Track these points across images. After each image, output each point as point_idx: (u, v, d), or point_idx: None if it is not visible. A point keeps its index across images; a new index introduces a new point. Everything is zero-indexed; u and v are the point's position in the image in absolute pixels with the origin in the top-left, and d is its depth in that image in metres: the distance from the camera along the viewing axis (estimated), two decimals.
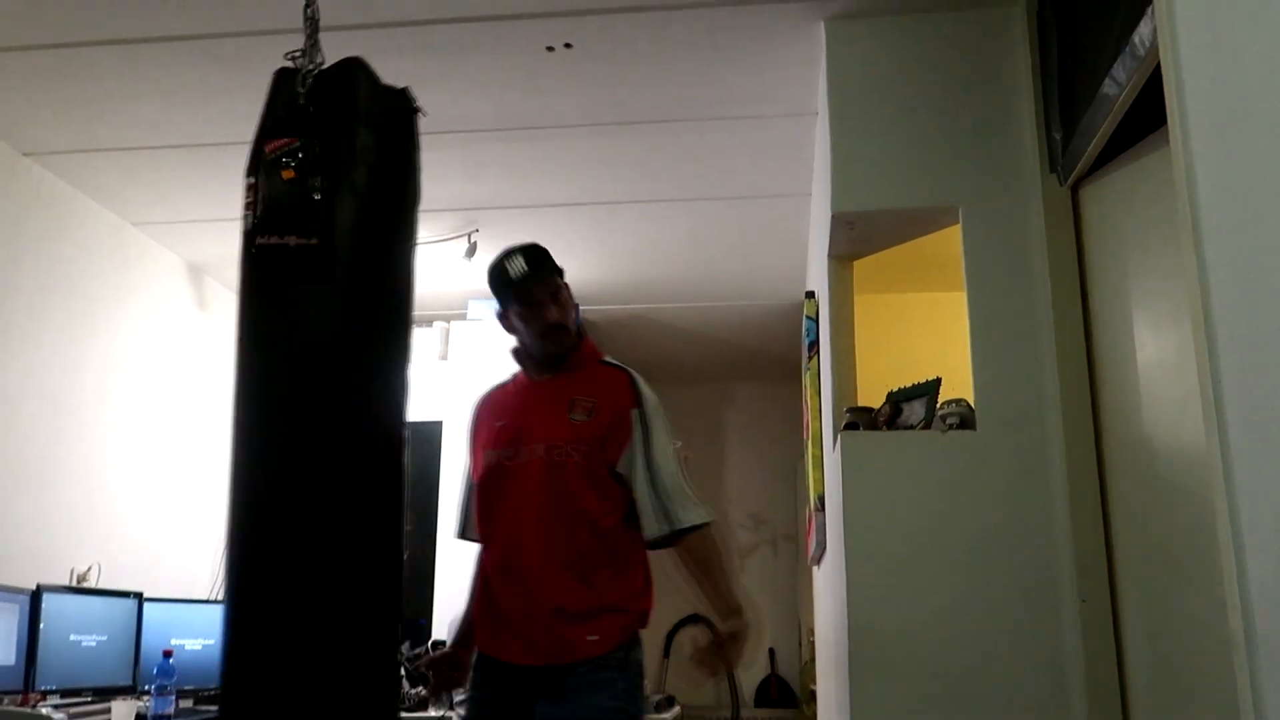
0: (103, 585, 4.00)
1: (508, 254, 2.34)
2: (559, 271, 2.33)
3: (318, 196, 1.78)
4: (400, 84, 2.08)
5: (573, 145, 3.84)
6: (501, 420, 2.35)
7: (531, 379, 2.38)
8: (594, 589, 2.17)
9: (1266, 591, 1.19)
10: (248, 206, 1.81)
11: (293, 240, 1.76)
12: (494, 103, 3.53)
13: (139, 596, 3.80)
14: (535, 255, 2.32)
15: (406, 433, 1.89)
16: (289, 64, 1.92)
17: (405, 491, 1.90)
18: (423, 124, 3.74)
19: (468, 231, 4.61)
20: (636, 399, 2.29)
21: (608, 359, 2.41)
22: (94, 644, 3.54)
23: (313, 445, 1.72)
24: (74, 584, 3.94)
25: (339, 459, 1.74)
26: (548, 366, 2.34)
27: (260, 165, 1.81)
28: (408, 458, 2.02)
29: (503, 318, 2.38)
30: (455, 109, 3.57)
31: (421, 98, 3.63)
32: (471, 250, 4.65)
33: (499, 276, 2.33)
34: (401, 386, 1.86)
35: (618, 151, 3.89)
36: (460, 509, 2.47)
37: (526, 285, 2.28)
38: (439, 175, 4.09)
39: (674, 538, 2.23)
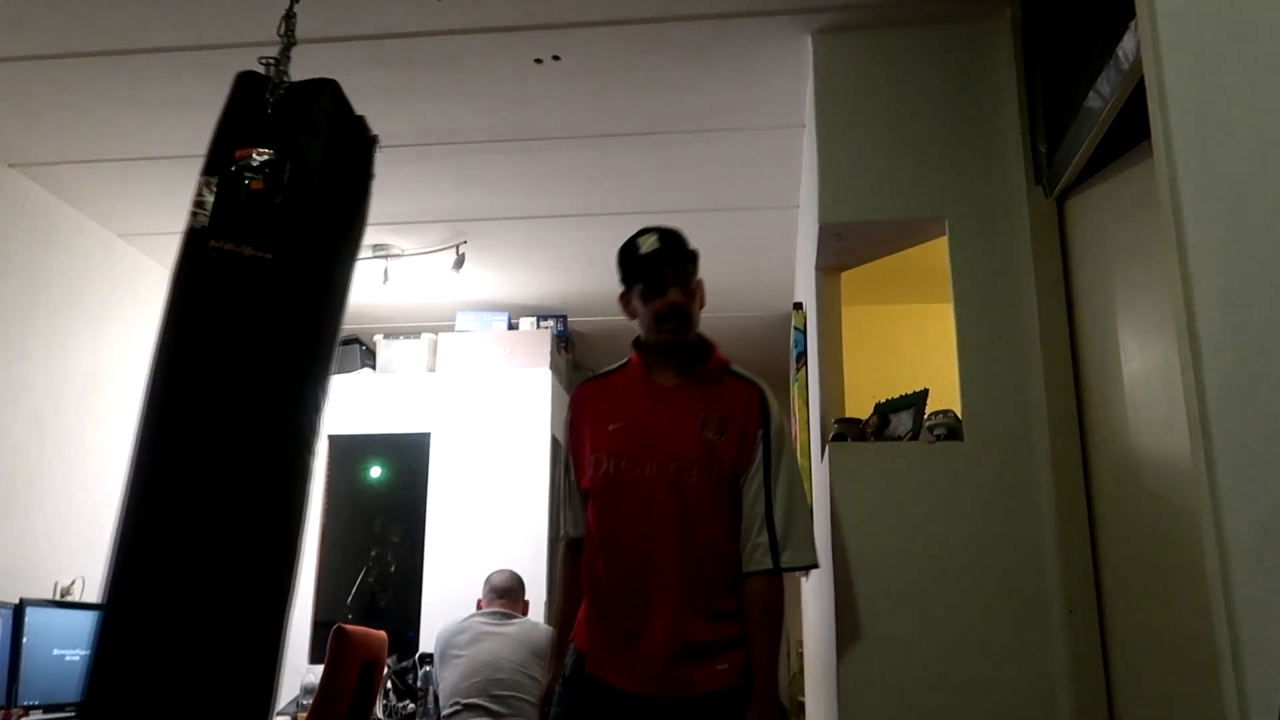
0: (87, 599, 3.97)
1: (642, 231, 2.19)
2: (693, 259, 2.19)
3: (282, 212, 1.78)
4: (388, 96, 2.08)
5: (561, 157, 3.84)
6: (618, 422, 2.16)
7: (658, 383, 2.21)
8: (720, 622, 2.06)
9: (1252, 603, 1.20)
10: (199, 204, 1.80)
11: (248, 250, 1.76)
12: (482, 114, 3.54)
13: None
14: (670, 236, 2.18)
15: (313, 452, 1.87)
16: (261, 69, 1.92)
17: (305, 511, 1.87)
18: (411, 135, 3.75)
19: (456, 243, 4.61)
20: (764, 419, 2.15)
21: (736, 368, 2.26)
22: (77, 658, 3.51)
23: (216, 445, 1.73)
24: (58, 597, 3.91)
25: (239, 464, 1.73)
26: (678, 369, 2.20)
27: (223, 167, 1.81)
28: (387, 470, 2.01)
29: (624, 299, 2.23)
30: (443, 121, 3.57)
31: (409, 109, 3.65)
32: (459, 262, 4.64)
33: (629, 251, 2.18)
34: (316, 405, 1.85)
35: (606, 163, 3.89)
36: (565, 509, 2.26)
37: (655, 262, 2.14)
38: (427, 186, 4.09)
39: (776, 574, 2.09)
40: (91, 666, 1.68)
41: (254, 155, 1.79)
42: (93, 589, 4.03)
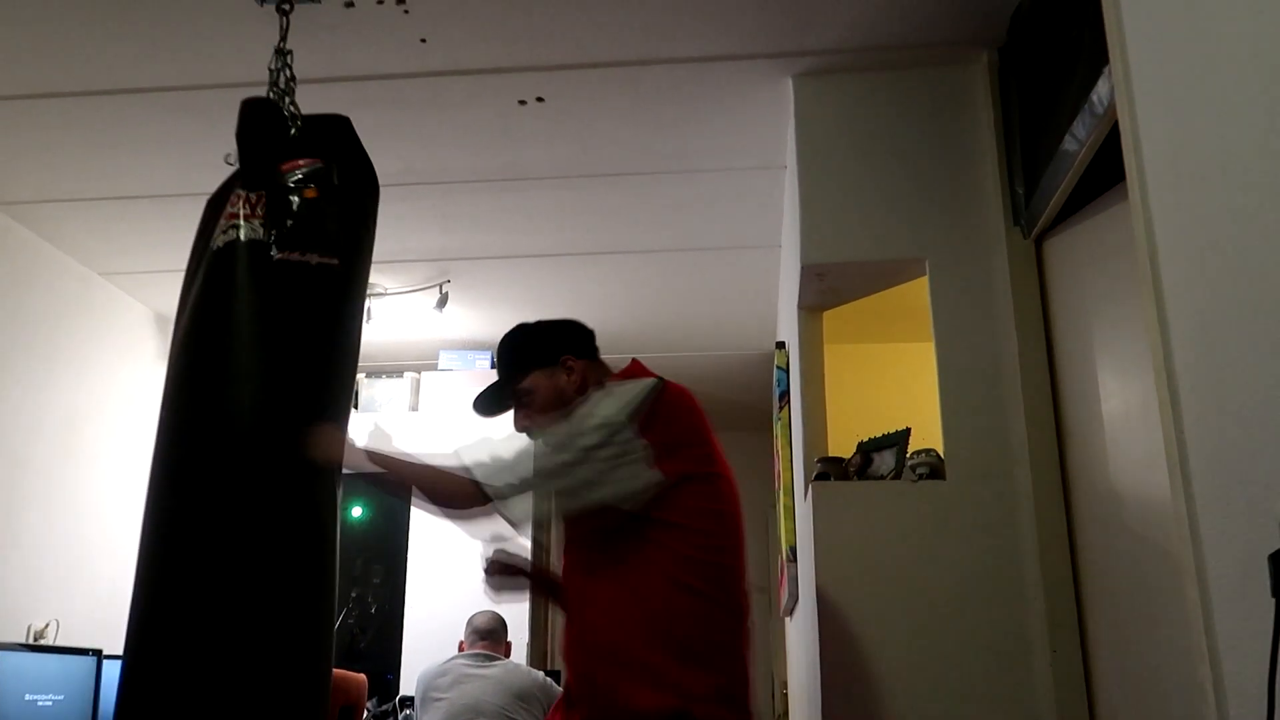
0: (62, 642, 3.90)
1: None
2: (519, 373, 2.09)
3: (339, 220, 1.80)
4: (373, 136, 2.10)
5: (544, 197, 3.86)
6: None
7: None
8: None
9: (1234, 641, 1.20)
10: (246, 218, 1.81)
11: (314, 259, 1.77)
12: (466, 155, 3.56)
13: (98, 654, 3.71)
14: (482, 395, 2.14)
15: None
16: (270, 96, 1.95)
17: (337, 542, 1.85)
18: (396, 175, 3.76)
19: (439, 282, 4.61)
20: None
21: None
22: (50, 703, 3.45)
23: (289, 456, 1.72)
24: (31, 641, 3.84)
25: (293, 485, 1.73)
26: None
27: (269, 181, 1.82)
28: (368, 511, 2.02)
29: None
30: (427, 161, 3.59)
31: (394, 150, 3.67)
32: (443, 301, 4.65)
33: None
34: (348, 419, 1.86)
35: (589, 203, 3.92)
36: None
37: (487, 416, 2.15)
38: (411, 226, 4.10)
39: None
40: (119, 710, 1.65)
41: (300, 167, 1.82)
42: (67, 633, 3.97)
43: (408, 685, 4.46)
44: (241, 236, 1.80)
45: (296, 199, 1.80)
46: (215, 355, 1.77)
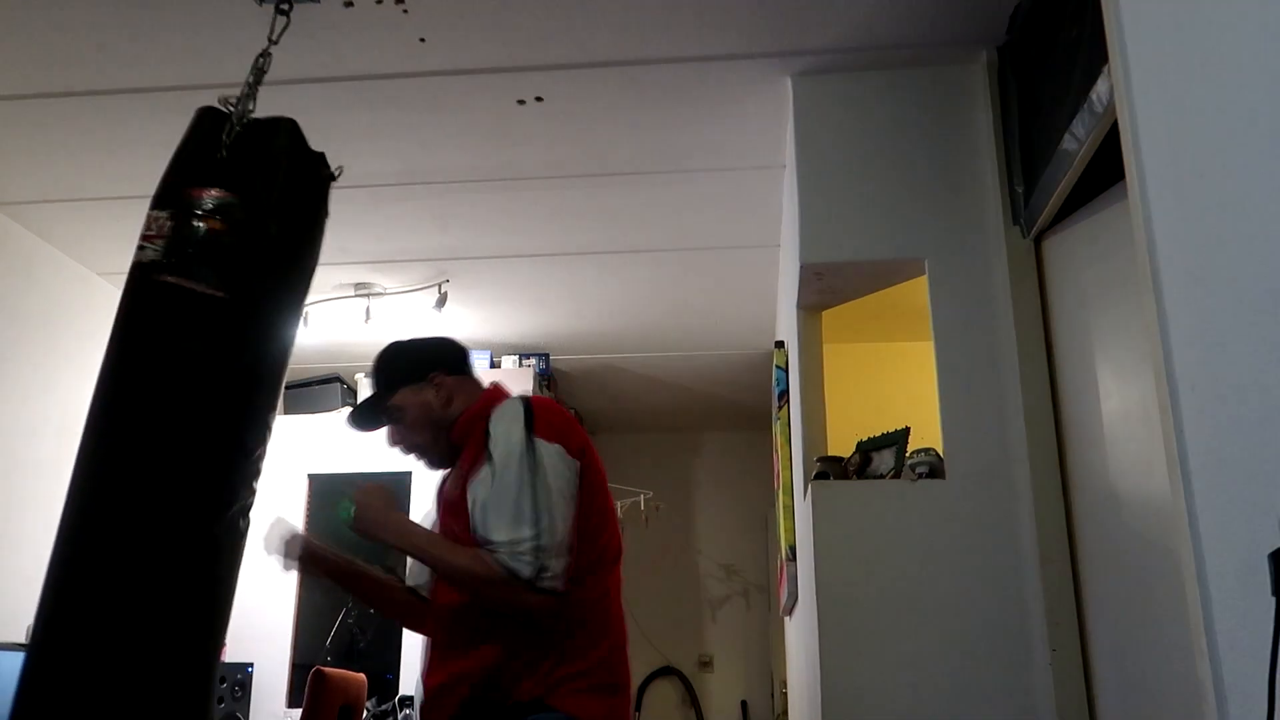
0: None
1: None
2: (389, 391, 2.06)
3: (237, 253, 1.78)
4: (372, 136, 2.08)
5: (543, 196, 3.86)
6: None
7: None
8: None
9: (1233, 640, 1.20)
10: (149, 238, 1.81)
11: (202, 288, 1.76)
12: (465, 155, 3.56)
13: None
14: (356, 411, 2.13)
15: (245, 508, 1.83)
16: (222, 108, 1.93)
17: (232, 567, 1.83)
18: (395, 175, 3.76)
19: (438, 282, 4.61)
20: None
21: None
22: None
23: (145, 484, 1.73)
24: (29, 642, 3.84)
25: (166, 507, 1.72)
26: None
27: (179, 204, 1.82)
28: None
29: None
30: (426, 161, 3.59)
31: (392, 150, 3.67)
32: (441, 301, 4.64)
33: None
34: (250, 450, 1.82)
35: (588, 203, 3.92)
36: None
37: (362, 431, 2.14)
38: (409, 226, 4.10)
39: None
40: (14, 709, 1.67)
41: (208, 196, 1.80)
42: None
43: (407, 685, 4.47)
44: (145, 259, 1.80)
45: (201, 226, 1.78)
46: (104, 377, 1.81)
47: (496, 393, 2.07)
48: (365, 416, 2.12)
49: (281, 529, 2.11)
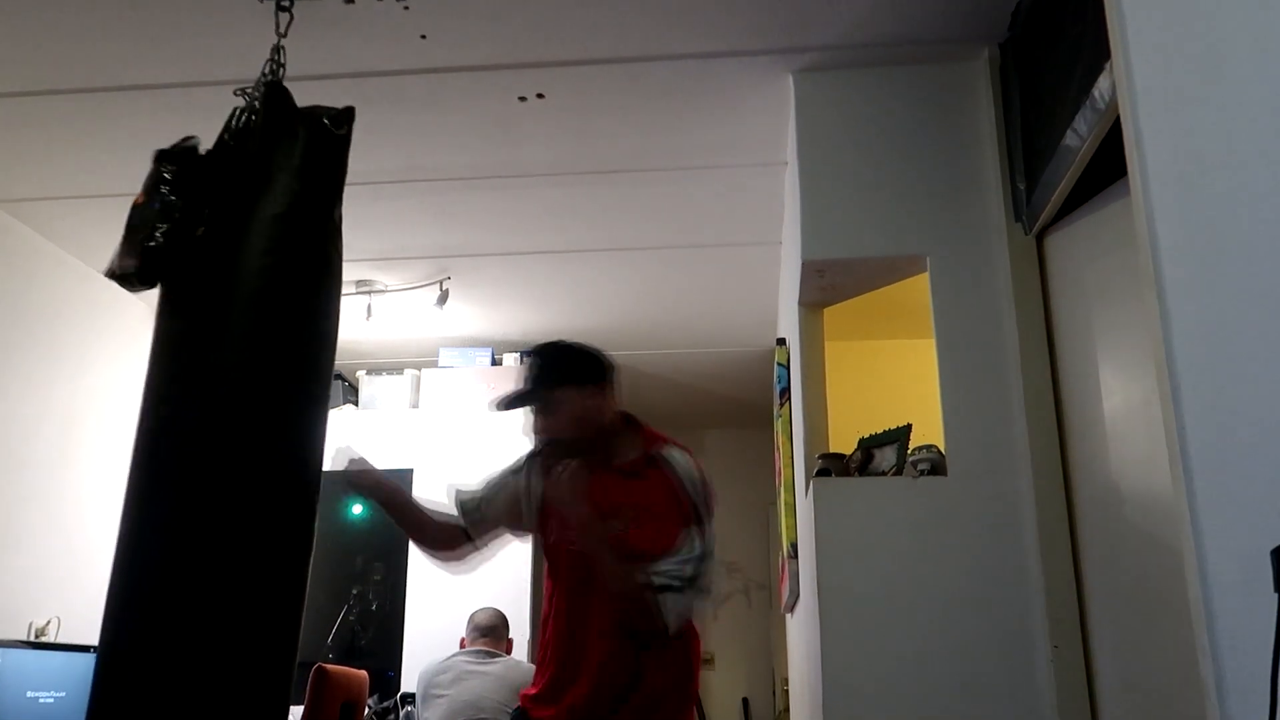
0: (63, 639, 3.91)
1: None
2: (553, 384, 2.23)
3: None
4: (372, 133, 2.10)
5: (545, 194, 3.86)
6: None
7: None
8: None
9: (1236, 637, 1.20)
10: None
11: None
12: (466, 152, 3.55)
13: None
14: (511, 398, 2.26)
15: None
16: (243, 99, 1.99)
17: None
18: (396, 172, 3.76)
19: (439, 279, 4.61)
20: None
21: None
22: (52, 700, 3.45)
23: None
24: (32, 638, 3.85)
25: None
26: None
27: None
28: (369, 508, 2.08)
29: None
30: (427, 158, 3.59)
31: (393, 147, 3.67)
32: (443, 298, 4.64)
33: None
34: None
35: (589, 200, 3.91)
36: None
37: (503, 411, 2.27)
38: (410, 223, 4.10)
39: None
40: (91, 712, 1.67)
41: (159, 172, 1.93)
42: (69, 630, 3.97)
43: (409, 682, 4.47)
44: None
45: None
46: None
47: (657, 432, 2.31)
48: (518, 402, 2.24)
49: (348, 454, 2.36)
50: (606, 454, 2.22)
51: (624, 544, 2.08)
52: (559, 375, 2.25)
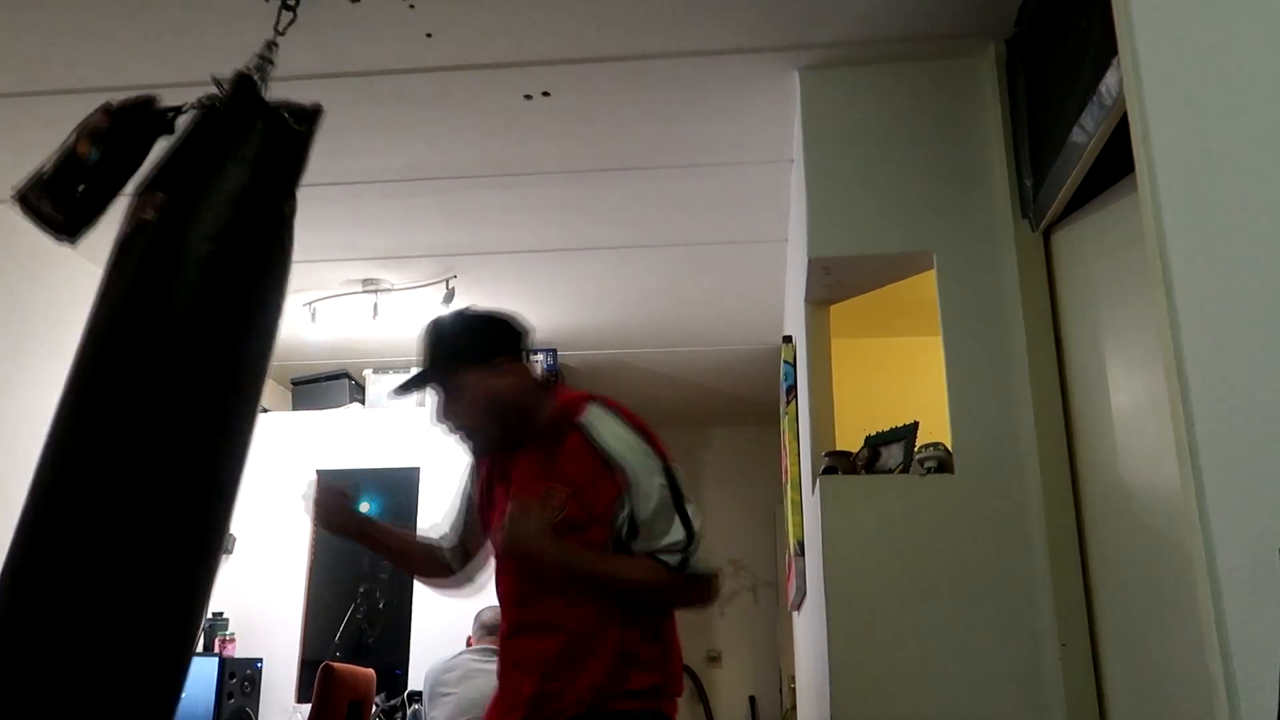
0: None
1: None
2: (451, 367, 1.97)
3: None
4: (378, 132, 2.10)
5: (550, 192, 3.86)
6: None
7: None
8: None
9: (1245, 636, 1.19)
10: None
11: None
12: (472, 150, 3.55)
13: None
14: (414, 378, 2.01)
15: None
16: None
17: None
18: (402, 171, 3.76)
19: (446, 278, 4.61)
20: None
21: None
22: None
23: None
24: None
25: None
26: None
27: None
28: (376, 506, 2.05)
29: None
30: (433, 156, 3.59)
31: (399, 145, 3.67)
32: (449, 296, 4.65)
33: None
34: None
35: (595, 198, 3.91)
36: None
37: (407, 393, 2.03)
38: (417, 221, 4.10)
39: None
40: None
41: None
42: None
43: (415, 680, 4.48)
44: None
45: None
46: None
47: (570, 394, 2.04)
48: (413, 386, 2.01)
49: (314, 489, 2.10)
50: (530, 432, 1.99)
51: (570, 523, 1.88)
52: (459, 354, 1.97)
